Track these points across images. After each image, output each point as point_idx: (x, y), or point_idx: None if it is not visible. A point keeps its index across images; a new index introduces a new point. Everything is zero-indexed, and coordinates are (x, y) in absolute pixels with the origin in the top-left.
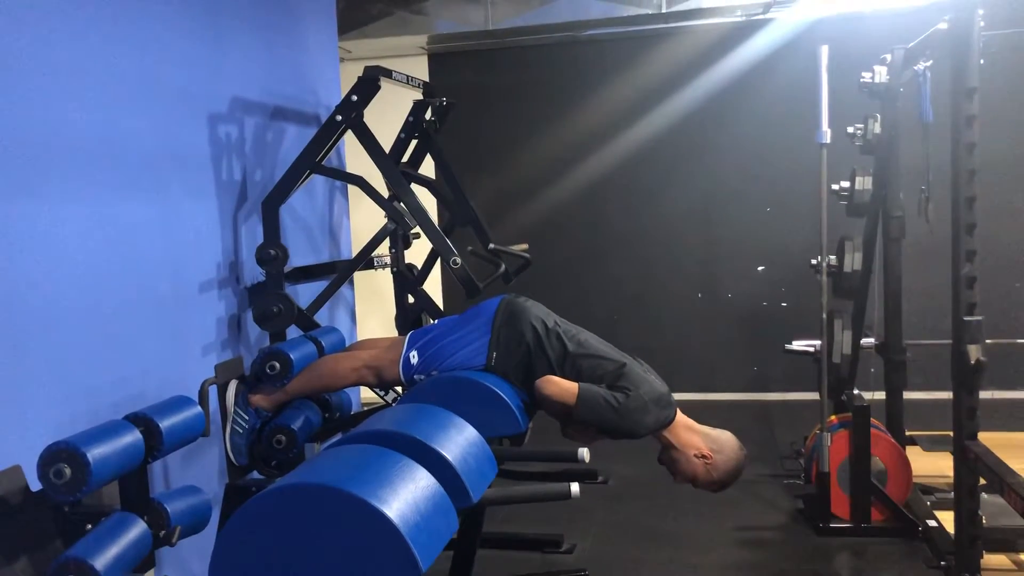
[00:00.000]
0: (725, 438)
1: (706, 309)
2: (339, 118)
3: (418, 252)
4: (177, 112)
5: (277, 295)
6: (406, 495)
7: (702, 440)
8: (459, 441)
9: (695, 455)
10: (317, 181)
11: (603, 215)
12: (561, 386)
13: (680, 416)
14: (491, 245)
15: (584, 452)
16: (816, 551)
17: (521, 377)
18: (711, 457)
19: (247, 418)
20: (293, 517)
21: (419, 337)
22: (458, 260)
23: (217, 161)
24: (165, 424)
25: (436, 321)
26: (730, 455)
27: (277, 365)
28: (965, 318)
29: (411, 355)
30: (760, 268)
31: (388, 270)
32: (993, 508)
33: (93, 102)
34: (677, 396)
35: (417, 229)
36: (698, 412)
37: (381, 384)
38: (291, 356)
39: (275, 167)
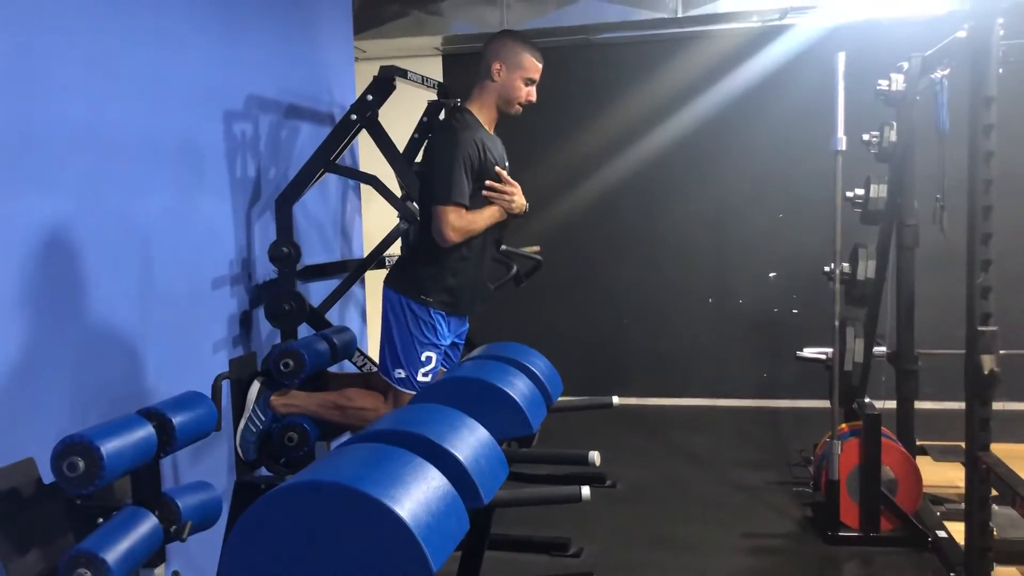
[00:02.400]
0: (484, 55)
1: (717, 314)
2: (354, 117)
3: None
4: (193, 109)
5: (289, 293)
6: (418, 495)
7: (484, 79)
8: (470, 441)
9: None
10: (330, 180)
11: (615, 219)
12: (437, 220)
13: (468, 104)
14: (503, 247)
15: (594, 455)
16: (824, 559)
17: (453, 270)
18: (497, 67)
19: (263, 419)
20: (305, 515)
21: (383, 363)
22: None
23: (232, 158)
24: (178, 419)
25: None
26: (495, 44)
27: (291, 362)
28: (979, 328)
29: (397, 373)
30: (772, 274)
31: None
32: (1004, 520)
33: (109, 98)
34: (687, 401)
35: None
36: (707, 418)
37: None
38: (304, 354)
39: (289, 165)
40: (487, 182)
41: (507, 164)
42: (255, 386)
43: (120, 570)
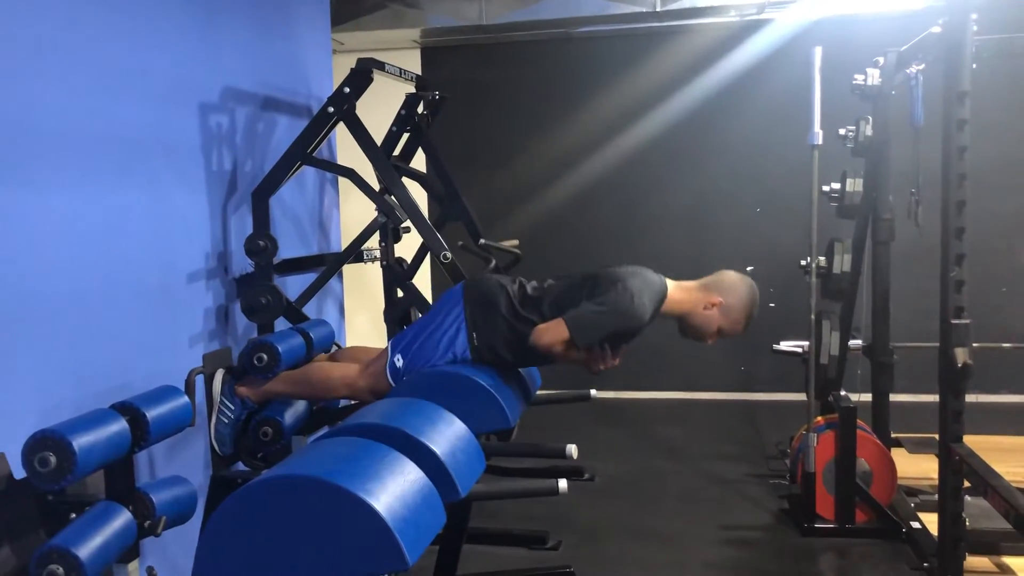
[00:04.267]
0: (724, 278)
1: None
2: (331, 110)
3: (408, 246)
4: (168, 101)
5: (266, 286)
6: (394, 488)
7: (703, 292)
8: (447, 435)
9: (705, 308)
10: (308, 173)
11: (593, 213)
12: (550, 328)
13: (672, 283)
14: (481, 240)
15: (572, 449)
16: (800, 551)
17: (514, 348)
18: (721, 301)
19: (233, 408)
20: (280, 509)
21: (399, 341)
22: (448, 255)
23: (207, 151)
24: (152, 414)
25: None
26: (736, 289)
27: (265, 357)
28: (953, 321)
29: (396, 359)
30: (749, 268)
31: (378, 263)
32: (976, 511)
33: (83, 89)
34: (665, 395)
35: (407, 223)
36: (684, 411)
37: (376, 397)
38: (279, 348)
39: (266, 158)
40: (606, 345)
41: None
42: (218, 377)
43: (93, 566)
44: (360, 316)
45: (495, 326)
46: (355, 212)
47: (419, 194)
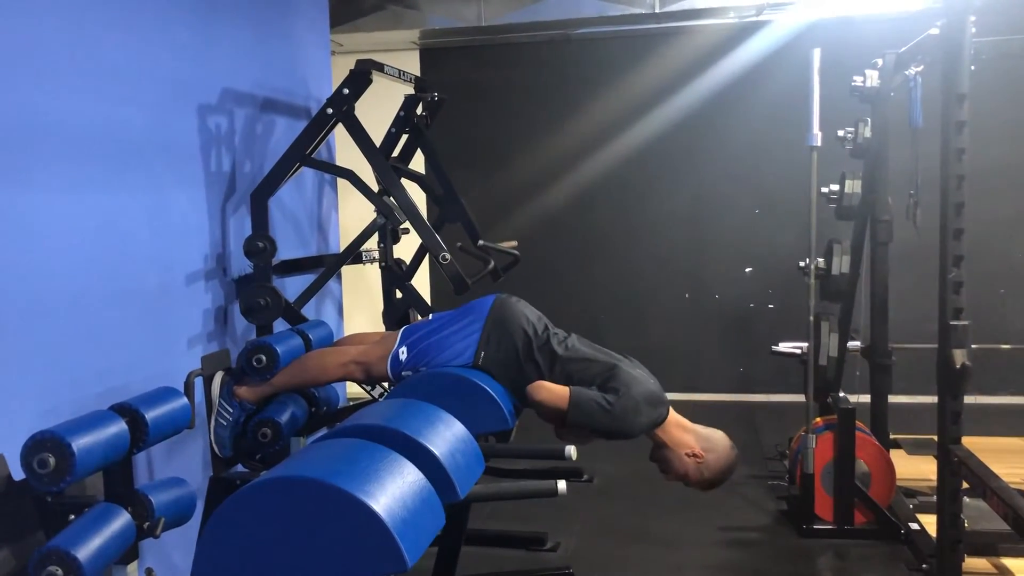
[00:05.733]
0: (717, 437)
1: (693, 310)
2: (330, 111)
3: (407, 247)
4: (167, 102)
5: (264, 288)
6: (393, 489)
7: (694, 439)
8: (447, 436)
9: (687, 454)
10: (306, 174)
11: (592, 214)
12: (552, 391)
13: (673, 414)
14: (480, 242)
15: (571, 450)
16: (799, 552)
17: (510, 378)
18: (703, 456)
19: (231, 410)
20: (279, 511)
21: (412, 333)
22: (447, 256)
23: (206, 152)
24: (151, 415)
25: (431, 316)
26: (721, 454)
27: (263, 358)
28: (951, 322)
29: (400, 351)
30: (748, 270)
31: (376, 265)
32: (975, 512)
33: (82, 90)
34: None
35: (406, 224)
36: (683, 412)
37: (368, 380)
38: (278, 349)
39: (264, 159)
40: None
41: None
42: (217, 379)
43: (92, 567)
44: (359, 317)
45: (504, 355)
46: (354, 213)
47: (418, 195)
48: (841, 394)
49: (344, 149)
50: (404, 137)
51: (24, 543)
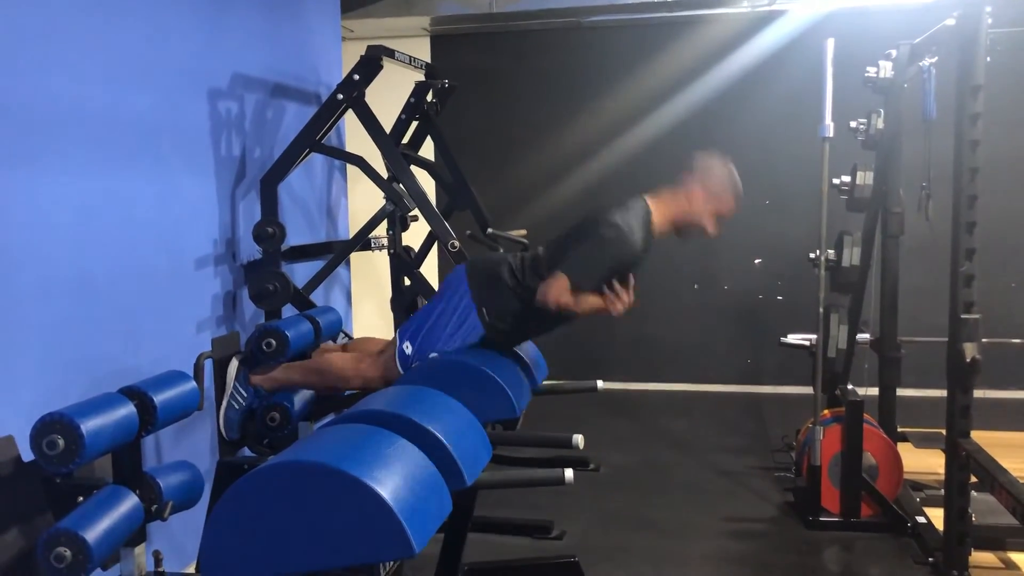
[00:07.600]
0: (693, 168)
1: (702, 300)
2: (340, 97)
3: (416, 234)
4: (178, 87)
5: (273, 273)
6: (401, 475)
7: (681, 191)
8: (454, 423)
9: (691, 204)
10: (316, 160)
11: (602, 202)
12: (552, 283)
13: (652, 199)
14: (489, 230)
15: (578, 439)
16: (805, 544)
17: (526, 315)
18: (701, 191)
19: (246, 396)
20: (286, 495)
21: (407, 328)
22: (456, 243)
23: (216, 137)
24: (160, 398)
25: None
26: (712, 171)
27: (273, 342)
28: (962, 316)
29: (404, 346)
30: (757, 261)
31: (385, 252)
32: (983, 506)
33: (93, 75)
34: (671, 386)
35: (415, 211)
36: (691, 402)
37: (387, 386)
38: (288, 334)
39: (274, 145)
40: (614, 282)
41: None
42: (233, 364)
43: (100, 549)
44: (367, 304)
45: (503, 299)
46: (363, 200)
47: (427, 182)
48: (849, 386)
49: (354, 135)
50: (414, 124)
51: (33, 524)
